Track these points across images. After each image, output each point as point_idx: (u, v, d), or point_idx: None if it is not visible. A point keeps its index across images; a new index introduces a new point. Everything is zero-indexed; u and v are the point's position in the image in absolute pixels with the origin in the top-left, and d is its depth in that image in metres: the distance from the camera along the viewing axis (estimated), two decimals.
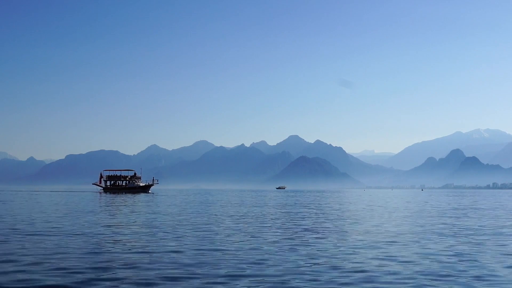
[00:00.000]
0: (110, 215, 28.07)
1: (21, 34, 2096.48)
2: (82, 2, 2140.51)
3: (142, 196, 70.26)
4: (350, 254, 12.75)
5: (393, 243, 14.87)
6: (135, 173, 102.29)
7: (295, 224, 21.97)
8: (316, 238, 16.34)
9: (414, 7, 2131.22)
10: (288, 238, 16.24)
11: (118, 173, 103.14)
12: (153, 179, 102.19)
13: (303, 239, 16.09)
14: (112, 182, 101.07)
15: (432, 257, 12.29)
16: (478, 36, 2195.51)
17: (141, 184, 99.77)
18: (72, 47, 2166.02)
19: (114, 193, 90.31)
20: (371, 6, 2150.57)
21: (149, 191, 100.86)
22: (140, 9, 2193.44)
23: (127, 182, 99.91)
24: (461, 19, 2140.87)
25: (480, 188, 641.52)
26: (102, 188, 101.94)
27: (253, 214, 29.38)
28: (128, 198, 62.58)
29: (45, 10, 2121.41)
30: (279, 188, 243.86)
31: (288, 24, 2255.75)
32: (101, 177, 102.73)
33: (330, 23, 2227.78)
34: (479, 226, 21.60)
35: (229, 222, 22.81)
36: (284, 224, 22.03)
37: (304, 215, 28.76)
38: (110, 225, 20.92)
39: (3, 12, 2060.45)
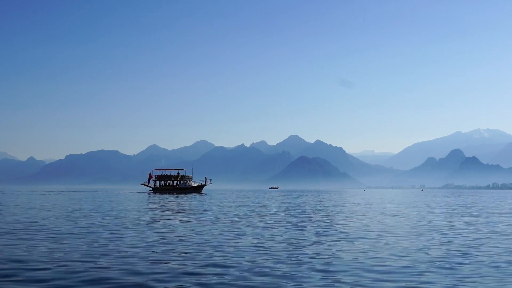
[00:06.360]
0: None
1: (21, 34, 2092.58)
2: (82, 2, 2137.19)
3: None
4: None
5: None
6: (178, 173, 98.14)
7: None
8: None
9: (414, 7, 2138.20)
10: None
11: (168, 173, 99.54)
12: (205, 179, 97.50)
13: None
14: (162, 182, 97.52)
15: None
16: (478, 36, 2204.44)
17: (193, 184, 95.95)
18: (72, 47, 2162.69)
19: (164, 193, 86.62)
20: (371, 6, 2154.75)
21: (202, 192, 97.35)
22: (140, 9, 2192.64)
23: (178, 182, 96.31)
24: (461, 19, 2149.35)
25: (480, 188, 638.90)
26: (151, 189, 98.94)
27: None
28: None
29: (45, 10, 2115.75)
30: (272, 188, 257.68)
31: (288, 24, 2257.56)
32: (150, 177, 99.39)
33: (330, 23, 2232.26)
34: None
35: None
36: None
37: None
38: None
39: (3, 12, 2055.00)
